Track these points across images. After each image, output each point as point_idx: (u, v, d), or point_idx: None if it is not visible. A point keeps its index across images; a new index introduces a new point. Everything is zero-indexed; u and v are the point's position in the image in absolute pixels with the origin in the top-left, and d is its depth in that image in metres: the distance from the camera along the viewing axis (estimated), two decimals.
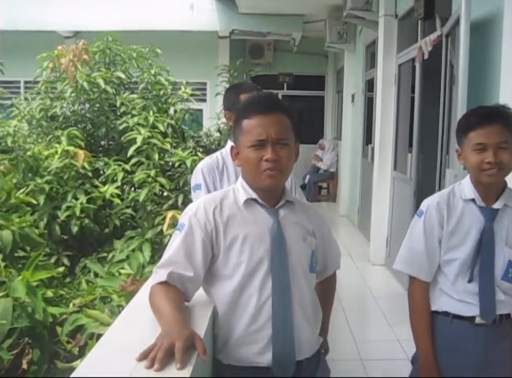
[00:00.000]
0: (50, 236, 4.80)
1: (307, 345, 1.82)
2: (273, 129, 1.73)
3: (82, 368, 1.33)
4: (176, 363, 1.31)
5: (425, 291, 2.18)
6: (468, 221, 2.11)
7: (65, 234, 4.98)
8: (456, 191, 2.17)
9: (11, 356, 3.14)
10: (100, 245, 5.01)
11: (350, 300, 5.41)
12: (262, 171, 1.73)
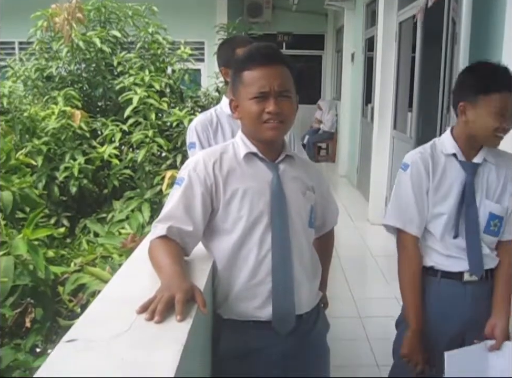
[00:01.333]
0: (49, 197, 4.80)
1: (307, 299, 1.83)
2: (275, 81, 1.70)
3: (82, 322, 1.33)
4: (176, 315, 1.31)
5: (416, 245, 2.14)
6: (451, 175, 2.10)
7: (64, 196, 4.97)
8: (437, 145, 2.15)
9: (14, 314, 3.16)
10: (99, 206, 5.01)
11: (349, 259, 5.44)
12: (263, 123, 1.70)
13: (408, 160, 2.15)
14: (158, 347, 1.20)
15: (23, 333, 3.22)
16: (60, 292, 3.23)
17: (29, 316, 3.31)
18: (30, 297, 3.47)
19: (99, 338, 1.22)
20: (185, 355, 1.19)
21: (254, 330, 1.76)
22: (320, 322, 1.91)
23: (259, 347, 1.78)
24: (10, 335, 3.24)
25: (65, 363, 1.14)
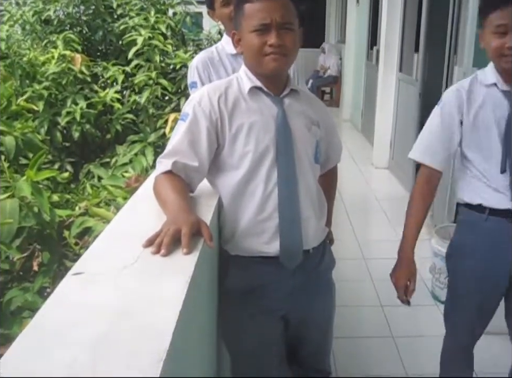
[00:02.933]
0: (51, 143, 4.77)
1: (314, 234, 1.82)
2: (277, 13, 1.65)
3: (88, 255, 1.33)
4: (183, 248, 1.30)
5: (434, 179, 2.10)
6: (492, 107, 1.98)
7: (67, 142, 4.95)
8: (478, 77, 2.04)
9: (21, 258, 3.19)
10: (103, 151, 4.99)
11: (353, 203, 5.45)
12: (265, 56, 1.66)
13: (443, 96, 2.07)
14: (165, 280, 1.19)
15: (31, 277, 3.25)
16: (66, 236, 3.25)
17: (36, 260, 3.34)
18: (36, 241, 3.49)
19: (106, 271, 1.22)
20: (192, 287, 1.18)
21: (261, 266, 1.77)
22: (326, 257, 1.91)
23: (266, 282, 1.79)
24: (18, 279, 3.27)
25: (72, 294, 1.14)
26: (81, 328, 1.01)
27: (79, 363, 0.91)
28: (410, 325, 3.40)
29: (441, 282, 3.55)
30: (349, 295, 3.58)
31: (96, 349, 0.95)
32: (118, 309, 1.07)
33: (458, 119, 2.02)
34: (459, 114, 2.01)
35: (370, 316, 3.47)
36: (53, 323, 1.03)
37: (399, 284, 2.19)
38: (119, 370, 0.90)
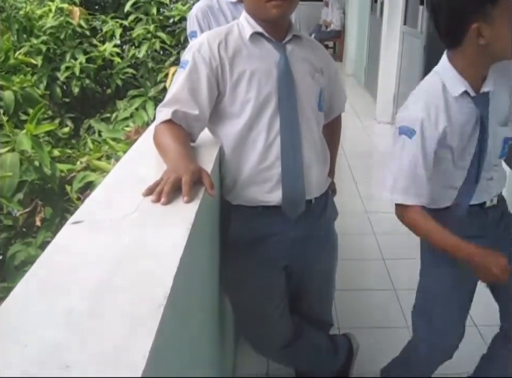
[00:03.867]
0: (51, 99, 4.73)
1: (317, 183, 1.80)
2: None
3: (88, 205, 1.31)
4: (183, 196, 1.28)
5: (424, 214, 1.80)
6: (465, 119, 1.71)
7: (67, 97, 4.90)
8: (448, 87, 1.71)
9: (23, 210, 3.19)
10: (103, 106, 4.96)
11: (356, 157, 5.42)
12: (266, 2, 1.60)
13: (412, 124, 1.68)
14: (165, 228, 1.18)
15: (34, 232, 3.26)
16: (68, 191, 3.24)
17: (39, 215, 3.34)
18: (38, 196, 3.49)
19: (105, 220, 1.20)
20: (193, 235, 1.17)
21: (264, 216, 1.75)
22: (329, 208, 1.90)
23: (268, 233, 1.77)
24: (22, 235, 3.28)
25: (72, 242, 1.12)
26: (80, 276, 1.00)
27: (79, 309, 0.90)
28: (412, 278, 3.40)
29: None
30: (352, 248, 3.59)
31: (95, 296, 0.94)
32: (118, 256, 1.06)
33: (435, 146, 1.72)
34: (435, 143, 1.71)
35: (372, 269, 3.48)
36: (52, 271, 1.02)
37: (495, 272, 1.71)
38: (118, 316, 0.89)
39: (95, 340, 0.83)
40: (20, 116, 4.05)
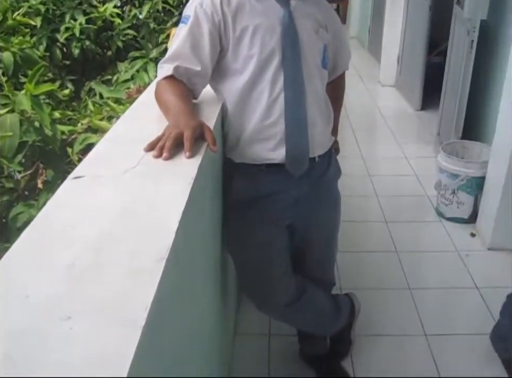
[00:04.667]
0: (51, 61, 4.66)
1: (320, 141, 1.78)
2: None
3: (88, 160, 1.29)
4: (185, 152, 1.26)
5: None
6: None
7: (67, 59, 4.83)
8: None
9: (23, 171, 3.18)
10: (104, 69, 4.89)
11: (359, 120, 5.38)
12: None
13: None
14: (167, 182, 1.17)
15: (36, 195, 3.25)
16: (69, 153, 3.23)
17: (40, 177, 3.33)
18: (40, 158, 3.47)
19: (106, 174, 1.19)
20: (195, 190, 1.16)
21: (267, 174, 1.73)
22: (332, 167, 1.88)
23: (271, 191, 1.76)
24: (24, 198, 3.28)
25: (73, 196, 1.11)
26: (82, 229, 0.99)
27: (80, 262, 0.89)
28: (414, 240, 3.42)
29: (446, 198, 3.54)
30: (354, 211, 3.58)
31: (98, 248, 0.93)
32: (119, 210, 1.05)
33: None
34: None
35: (374, 231, 3.48)
36: (54, 224, 1.02)
37: None
38: (120, 269, 0.88)
39: (97, 292, 0.83)
40: (20, 79, 4.00)
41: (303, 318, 2.03)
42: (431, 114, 5.34)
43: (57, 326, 0.76)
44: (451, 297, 2.88)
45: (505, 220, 3.14)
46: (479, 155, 3.59)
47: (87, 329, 0.75)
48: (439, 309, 2.79)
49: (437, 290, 2.91)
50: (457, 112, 4.07)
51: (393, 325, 2.62)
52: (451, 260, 3.15)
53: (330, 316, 2.13)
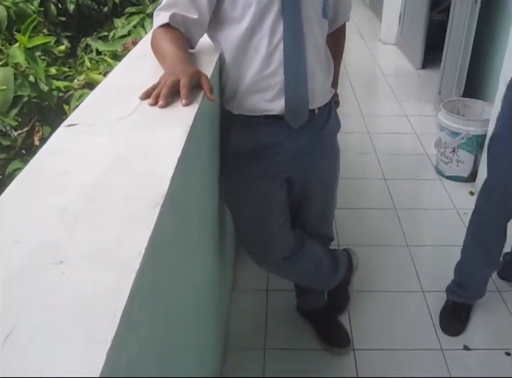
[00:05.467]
0: (46, 17, 4.57)
1: (320, 92, 1.74)
2: None
3: (82, 109, 1.26)
4: (182, 99, 1.23)
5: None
6: None
7: (63, 16, 4.74)
8: None
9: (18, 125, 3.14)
10: (100, 25, 4.80)
11: (359, 77, 5.32)
12: None
13: None
14: (163, 129, 1.14)
15: (32, 153, 3.22)
16: (65, 110, 3.19)
17: (37, 135, 3.30)
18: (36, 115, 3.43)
19: (101, 122, 1.16)
20: (191, 138, 1.13)
21: (265, 126, 1.69)
22: (332, 119, 1.84)
23: (270, 143, 1.73)
24: (20, 156, 3.25)
25: (66, 144, 1.08)
26: (75, 175, 0.96)
27: (73, 207, 0.87)
28: (413, 198, 3.41)
29: (446, 157, 3.51)
30: (353, 168, 3.56)
31: (91, 194, 0.91)
32: (114, 157, 1.02)
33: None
34: None
35: (373, 188, 3.46)
36: (47, 170, 0.99)
37: None
38: (114, 214, 0.86)
39: (90, 237, 0.81)
40: (14, 35, 3.93)
41: (300, 273, 2.03)
42: (432, 72, 5.27)
43: (49, 271, 0.74)
44: (449, 254, 2.88)
45: None
46: (480, 113, 3.55)
47: (80, 274, 0.74)
48: (436, 266, 2.79)
49: (434, 247, 2.92)
50: (459, 70, 4.01)
51: (391, 282, 2.63)
52: (450, 218, 3.14)
53: (328, 270, 2.12)
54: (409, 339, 2.31)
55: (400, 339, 2.31)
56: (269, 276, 2.60)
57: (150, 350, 0.93)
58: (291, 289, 2.38)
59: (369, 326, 2.37)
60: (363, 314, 2.43)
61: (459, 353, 2.25)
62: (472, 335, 2.33)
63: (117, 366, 0.68)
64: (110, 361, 0.62)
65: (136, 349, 0.81)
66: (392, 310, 2.47)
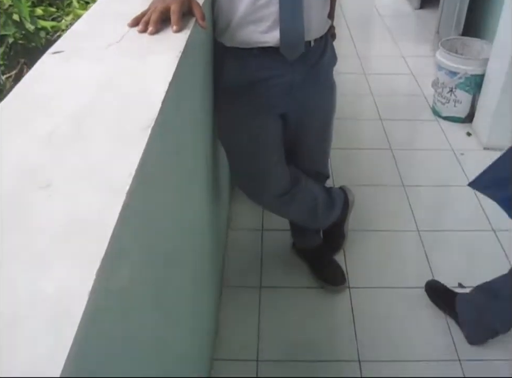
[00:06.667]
0: None
1: (316, 24, 1.67)
2: None
3: (69, 36, 1.20)
4: (172, 26, 1.18)
5: None
6: None
7: None
8: None
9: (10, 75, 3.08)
10: None
11: (355, 18, 5.20)
12: None
13: None
14: (153, 55, 1.09)
15: None
16: None
17: None
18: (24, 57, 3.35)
19: (88, 49, 1.11)
20: (183, 64, 1.08)
21: (260, 58, 1.63)
22: (328, 52, 1.78)
23: (265, 76, 1.67)
24: None
25: (52, 70, 1.04)
26: (62, 100, 0.93)
27: (60, 131, 0.84)
28: (409, 139, 3.37)
29: (443, 97, 3.46)
30: (349, 108, 3.51)
31: (79, 118, 0.87)
32: (103, 81, 0.98)
33: None
34: None
35: (369, 129, 3.41)
36: (33, 96, 0.95)
37: None
38: (103, 137, 0.83)
39: (78, 160, 0.78)
40: None
41: (296, 210, 2.01)
42: (430, 13, 5.15)
43: (35, 194, 0.71)
44: (445, 194, 2.88)
45: (503, 119, 3.08)
46: (479, 52, 3.48)
47: (67, 196, 0.71)
48: (432, 206, 2.79)
49: (430, 188, 2.90)
50: (458, 8, 3.91)
51: (387, 221, 2.62)
52: (446, 158, 3.12)
53: (324, 208, 2.10)
54: (403, 278, 2.32)
55: (394, 278, 2.31)
56: (265, 216, 2.59)
57: (144, 281, 0.91)
58: (286, 228, 2.37)
59: (365, 265, 2.37)
60: (358, 253, 2.43)
61: None
62: (467, 273, 2.34)
63: (108, 289, 0.66)
64: (99, 282, 0.60)
65: (129, 276, 0.79)
66: (387, 249, 2.47)
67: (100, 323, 0.64)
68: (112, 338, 0.73)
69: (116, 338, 0.75)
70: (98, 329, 0.64)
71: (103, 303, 0.64)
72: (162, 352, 1.05)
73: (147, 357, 0.94)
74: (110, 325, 0.71)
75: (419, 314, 2.16)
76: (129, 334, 0.82)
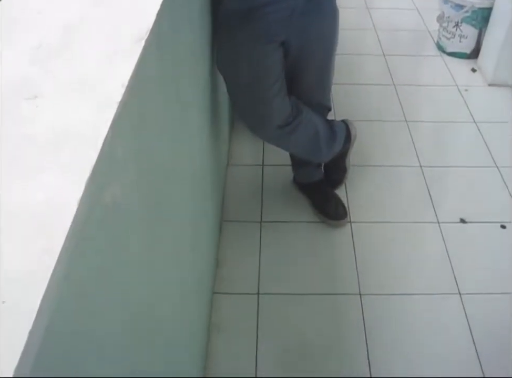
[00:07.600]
0: None
1: None
2: None
3: None
4: None
5: None
6: None
7: None
8: None
9: None
10: None
11: None
12: None
13: None
14: None
15: None
16: None
17: None
18: None
19: None
20: None
21: None
22: None
23: (265, 2, 1.60)
24: None
25: None
26: (50, 13, 0.87)
27: (49, 44, 0.79)
28: (412, 74, 3.30)
29: (448, 32, 3.36)
30: (351, 44, 3.41)
31: (68, 31, 0.82)
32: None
33: None
34: None
35: (371, 64, 3.33)
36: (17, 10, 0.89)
37: None
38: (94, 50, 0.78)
39: (67, 72, 0.73)
40: None
41: (297, 142, 1.96)
42: None
43: (21, 105, 0.67)
44: (448, 130, 2.83)
45: (509, 56, 3.01)
46: None
47: (56, 107, 0.67)
48: (435, 142, 2.75)
49: (434, 123, 2.86)
50: None
51: (389, 156, 2.59)
52: (450, 94, 3.06)
53: (326, 140, 2.06)
54: (406, 213, 2.30)
55: (397, 212, 2.30)
56: (265, 151, 2.55)
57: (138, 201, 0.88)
58: (287, 164, 2.34)
59: (366, 200, 2.35)
60: (360, 188, 2.41)
61: (455, 226, 2.25)
62: (469, 209, 2.32)
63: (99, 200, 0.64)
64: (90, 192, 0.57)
65: (121, 191, 0.76)
66: (389, 184, 2.44)
67: (89, 234, 0.62)
68: (102, 251, 0.70)
69: (107, 251, 0.72)
70: (87, 240, 0.61)
71: (93, 214, 0.61)
72: (153, 274, 1.03)
73: (138, 277, 0.92)
74: (100, 237, 0.68)
75: (419, 248, 2.15)
76: (120, 252, 0.79)
